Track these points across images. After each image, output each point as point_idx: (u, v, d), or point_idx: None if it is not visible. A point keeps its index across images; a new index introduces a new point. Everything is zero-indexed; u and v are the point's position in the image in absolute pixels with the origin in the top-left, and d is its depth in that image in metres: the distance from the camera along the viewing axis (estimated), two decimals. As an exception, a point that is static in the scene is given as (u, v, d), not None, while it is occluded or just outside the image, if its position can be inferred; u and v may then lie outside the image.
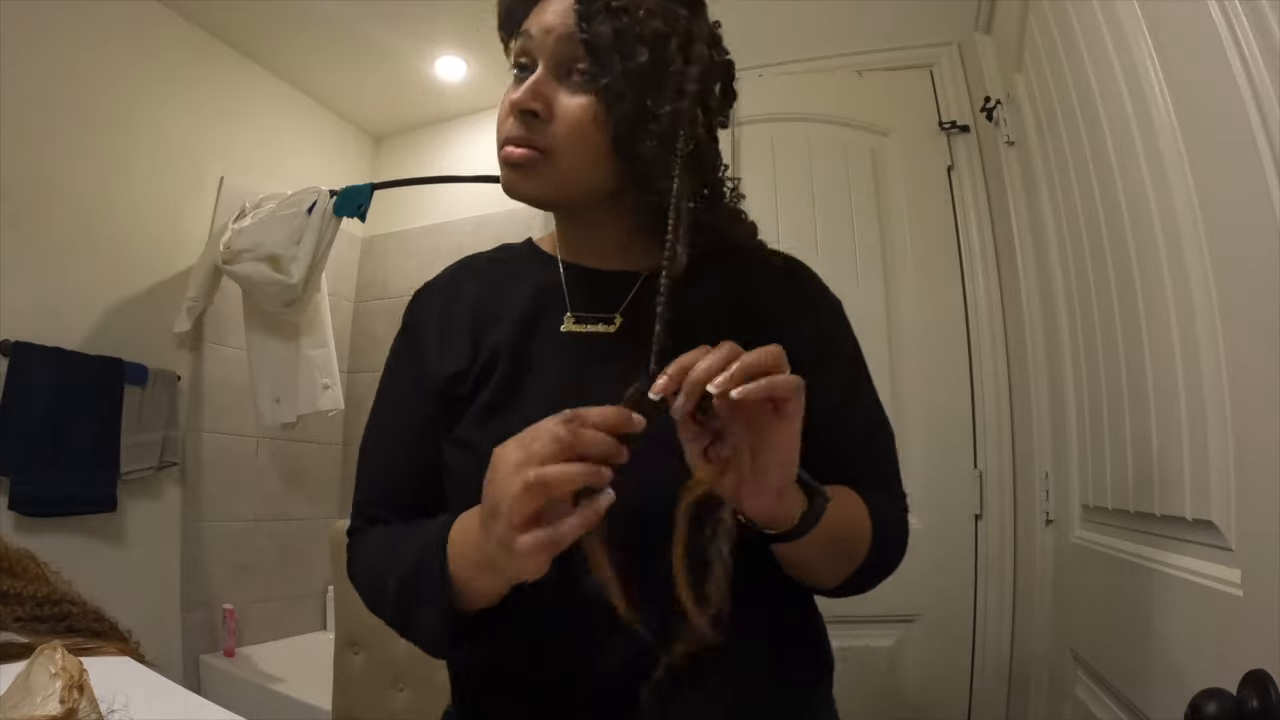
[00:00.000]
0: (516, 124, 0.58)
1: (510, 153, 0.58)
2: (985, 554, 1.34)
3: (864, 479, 0.61)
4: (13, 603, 0.73)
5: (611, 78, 0.54)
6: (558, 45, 0.56)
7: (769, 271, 0.66)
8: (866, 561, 0.57)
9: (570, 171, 0.58)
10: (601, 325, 0.61)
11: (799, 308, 0.64)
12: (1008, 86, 1.37)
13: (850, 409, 0.63)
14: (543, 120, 0.57)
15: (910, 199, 1.52)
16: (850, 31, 1.65)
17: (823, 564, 0.57)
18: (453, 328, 0.65)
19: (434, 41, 2.44)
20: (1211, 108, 0.61)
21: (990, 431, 1.38)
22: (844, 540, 0.56)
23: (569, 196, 0.60)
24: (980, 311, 1.43)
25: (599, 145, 0.56)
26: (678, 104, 0.55)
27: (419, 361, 0.65)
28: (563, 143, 0.57)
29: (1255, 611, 0.53)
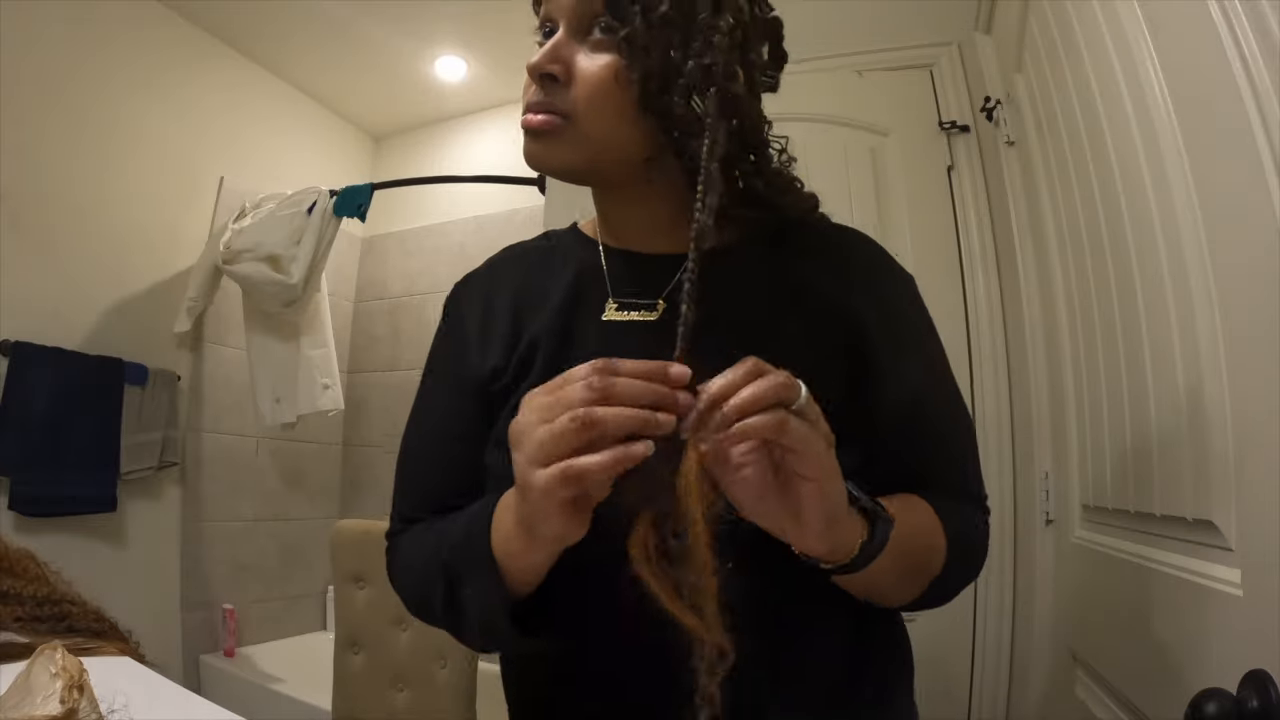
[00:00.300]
0: (535, 89, 0.54)
1: (530, 120, 0.54)
2: (985, 554, 1.34)
3: (937, 482, 0.56)
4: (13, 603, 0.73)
5: (631, 29, 0.50)
6: (576, 3, 0.52)
7: (827, 249, 0.60)
8: (943, 575, 0.53)
9: (595, 137, 0.53)
10: (644, 312, 0.56)
11: (860, 289, 0.57)
12: (1008, 86, 1.37)
13: (922, 403, 0.57)
14: (562, 84, 0.53)
15: (910, 199, 1.52)
16: (850, 31, 1.65)
17: (891, 587, 0.52)
18: (493, 320, 0.62)
19: (434, 41, 2.45)
20: (1211, 108, 0.61)
21: (990, 431, 1.38)
22: (913, 561, 0.51)
23: (597, 166, 0.55)
24: (980, 311, 1.43)
25: (625, 106, 0.51)
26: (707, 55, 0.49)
27: (459, 358, 0.63)
28: (584, 106, 0.52)
29: (1255, 611, 0.53)
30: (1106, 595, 0.90)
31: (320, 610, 2.64)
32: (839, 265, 0.59)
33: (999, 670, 1.30)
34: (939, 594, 0.55)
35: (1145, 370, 0.77)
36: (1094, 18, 0.86)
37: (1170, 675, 0.67)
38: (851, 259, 0.61)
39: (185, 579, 2.19)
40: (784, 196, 0.59)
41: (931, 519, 0.53)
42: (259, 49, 2.49)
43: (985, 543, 0.60)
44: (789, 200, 0.59)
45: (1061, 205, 1.09)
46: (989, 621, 1.32)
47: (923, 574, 0.52)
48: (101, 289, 2.04)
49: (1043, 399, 1.26)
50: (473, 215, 2.76)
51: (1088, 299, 0.98)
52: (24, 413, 1.79)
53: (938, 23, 1.58)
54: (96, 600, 0.81)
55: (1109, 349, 0.90)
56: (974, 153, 1.49)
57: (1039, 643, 1.21)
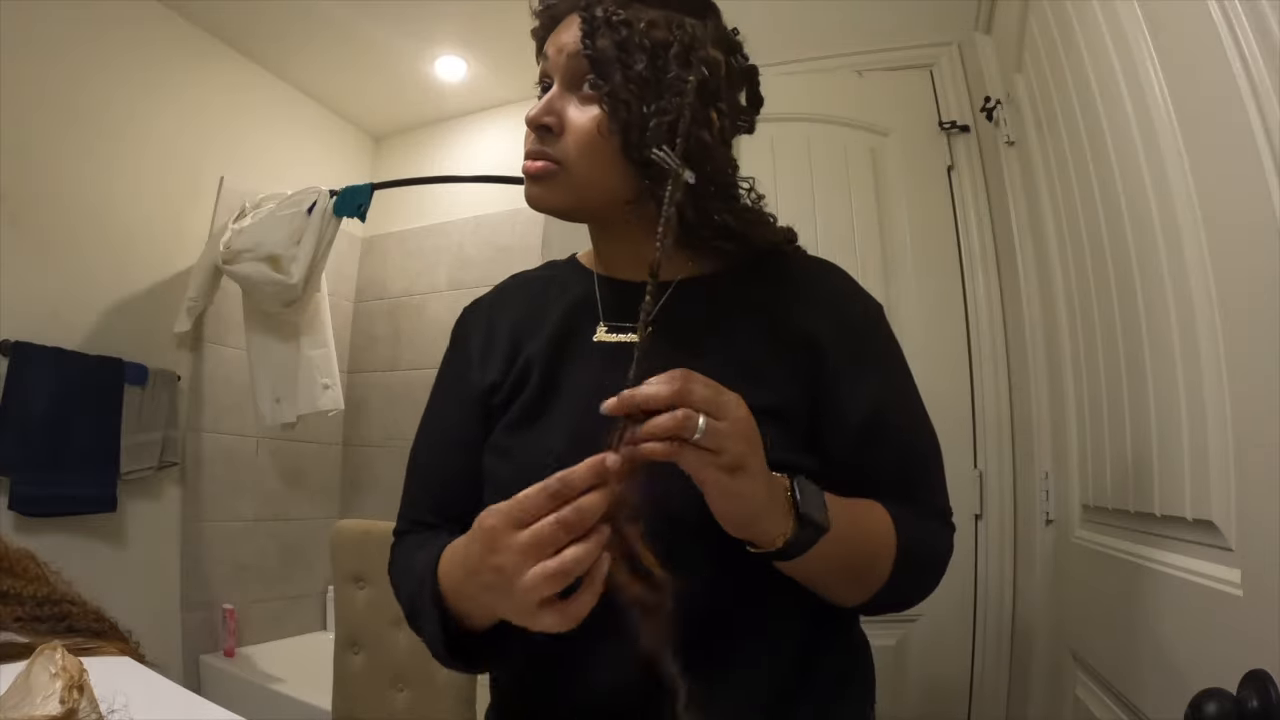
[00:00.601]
0: (534, 139, 0.61)
1: (529, 166, 0.61)
2: (985, 554, 1.34)
3: (898, 495, 0.59)
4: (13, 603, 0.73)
5: (612, 86, 0.56)
6: (569, 62, 0.60)
7: (797, 277, 0.66)
8: (891, 583, 0.56)
9: (584, 180, 0.60)
10: (632, 334, 0.61)
11: (823, 312, 0.63)
12: (1008, 86, 1.37)
13: (881, 418, 0.61)
14: (556, 134, 0.60)
15: (910, 199, 1.52)
16: (850, 31, 1.65)
17: (833, 585, 0.56)
18: (495, 341, 0.68)
19: (434, 41, 2.45)
20: (1211, 108, 0.61)
21: (990, 431, 1.38)
22: (855, 562, 0.55)
23: (588, 205, 0.62)
24: (980, 311, 1.43)
25: (609, 154, 0.58)
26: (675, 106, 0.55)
27: (463, 375, 0.68)
28: (574, 153, 0.59)
29: (1255, 611, 0.53)
30: (1106, 595, 0.90)
31: (320, 610, 2.64)
32: (806, 291, 0.65)
33: (999, 670, 1.30)
34: (892, 600, 0.59)
35: (1145, 370, 0.77)
36: (1094, 18, 0.86)
37: (1170, 675, 0.67)
38: (819, 286, 0.66)
39: (185, 579, 2.19)
40: (754, 229, 0.64)
41: (884, 526, 0.57)
42: (259, 49, 2.49)
43: (946, 554, 0.63)
44: (759, 233, 0.64)
45: (1061, 205, 1.09)
46: (989, 621, 1.32)
47: (867, 576, 0.56)
48: (101, 289, 2.04)
49: (1043, 399, 1.26)
50: (473, 215, 2.76)
51: (1088, 299, 0.98)
52: (24, 413, 1.79)
53: (938, 23, 1.58)
54: (96, 600, 0.81)
55: (1109, 349, 0.90)
56: (974, 153, 1.49)
57: (1039, 643, 1.21)
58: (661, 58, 0.57)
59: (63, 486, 1.85)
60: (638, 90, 0.56)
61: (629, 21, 0.57)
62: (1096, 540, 0.96)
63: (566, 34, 0.60)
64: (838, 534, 0.50)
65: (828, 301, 0.64)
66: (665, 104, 0.56)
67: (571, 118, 0.59)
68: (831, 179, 1.55)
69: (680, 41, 0.57)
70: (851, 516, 0.54)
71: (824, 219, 1.53)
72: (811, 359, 0.60)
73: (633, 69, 0.56)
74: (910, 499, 0.60)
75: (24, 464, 1.79)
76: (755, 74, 0.66)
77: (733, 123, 0.64)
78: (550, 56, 0.62)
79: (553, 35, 0.63)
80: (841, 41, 1.65)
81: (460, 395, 0.68)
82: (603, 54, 0.57)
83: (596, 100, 0.58)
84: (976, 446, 1.38)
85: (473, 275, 2.71)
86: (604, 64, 0.57)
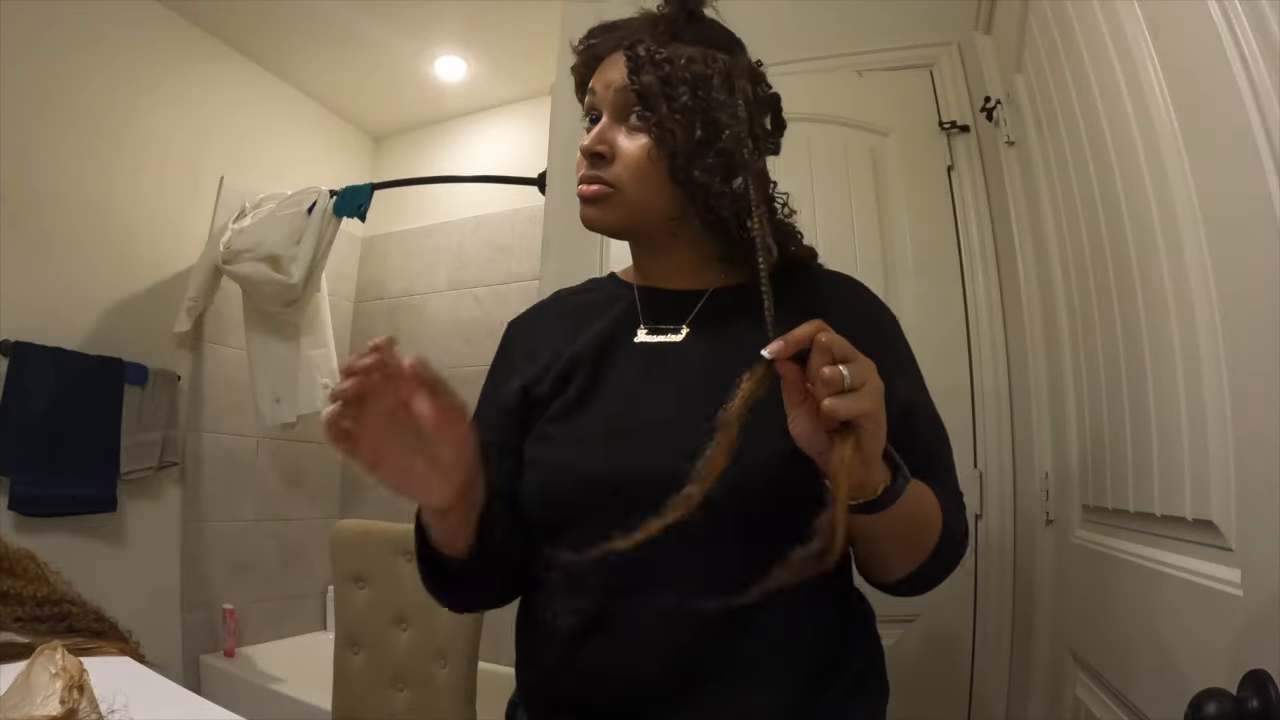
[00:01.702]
0: (588, 165, 0.68)
1: (585, 190, 0.68)
2: (985, 554, 1.34)
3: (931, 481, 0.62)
4: (13, 603, 0.73)
5: (659, 116, 0.63)
6: (616, 96, 0.67)
7: (828, 288, 0.72)
8: (936, 552, 0.60)
9: (635, 201, 0.66)
10: (671, 336, 0.68)
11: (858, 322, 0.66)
12: (1008, 86, 1.37)
13: (911, 414, 0.64)
14: (608, 160, 0.66)
15: (910, 199, 1.52)
16: (850, 31, 1.65)
17: (897, 546, 0.60)
18: (537, 349, 0.73)
19: (434, 41, 2.45)
20: (1211, 108, 0.61)
21: (990, 431, 1.37)
22: (918, 525, 0.59)
23: (639, 224, 0.69)
24: (980, 311, 1.43)
25: (657, 177, 0.65)
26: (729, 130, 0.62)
27: (504, 378, 0.74)
28: (626, 177, 0.66)
29: (1255, 611, 0.53)
30: (1106, 595, 0.90)
31: (320, 610, 2.64)
32: (833, 300, 0.70)
33: (999, 670, 1.30)
34: (927, 575, 0.63)
35: (1145, 370, 0.77)
36: (1094, 18, 0.86)
37: (1170, 675, 0.67)
38: (845, 296, 0.73)
39: (185, 579, 2.20)
40: (788, 243, 0.71)
41: (932, 496, 0.60)
42: (259, 49, 2.49)
43: (966, 536, 0.66)
44: (792, 248, 0.72)
45: (1061, 205, 1.09)
46: (989, 621, 1.32)
47: (921, 545, 0.60)
48: (101, 289, 2.04)
49: (1043, 399, 1.26)
50: (473, 215, 2.76)
51: (1088, 299, 0.98)
52: (24, 413, 1.80)
53: (938, 23, 1.58)
54: (96, 600, 0.81)
55: (1109, 349, 0.90)
56: (974, 153, 1.49)
57: (1039, 643, 1.21)
58: (702, 89, 0.63)
59: (63, 486, 1.85)
60: (683, 119, 0.63)
61: (670, 59, 0.64)
62: (1096, 540, 0.96)
63: (613, 71, 0.67)
64: (911, 491, 0.53)
65: (854, 309, 0.70)
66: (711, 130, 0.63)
67: (622, 145, 0.66)
68: (831, 179, 1.55)
69: (718, 74, 0.64)
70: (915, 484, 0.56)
71: (824, 219, 1.53)
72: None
73: (676, 100, 0.63)
74: (939, 483, 0.63)
75: (24, 464, 1.79)
76: (778, 101, 0.72)
77: (763, 146, 0.71)
78: (598, 91, 0.69)
79: (597, 73, 0.70)
80: (841, 41, 1.64)
81: (498, 403, 0.73)
82: (648, 88, 0.64)
83: (644, 129, 0.65)
84: (976, 446, 1.38)
85: (473, 275, 2.71)
86: (650, 97, 0.64)
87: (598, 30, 0.72)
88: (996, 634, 1.31)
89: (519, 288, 2.57)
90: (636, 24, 0.70)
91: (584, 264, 1.49)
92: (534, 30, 2.17)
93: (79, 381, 1.91)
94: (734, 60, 0.67)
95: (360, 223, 2.15)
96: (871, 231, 1.51)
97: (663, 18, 0.68)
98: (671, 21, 0.68)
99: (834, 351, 0.47)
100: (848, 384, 0.46)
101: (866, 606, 0.71)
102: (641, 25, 0.69)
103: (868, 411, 0.46)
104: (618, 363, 0.67)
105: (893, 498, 0.51)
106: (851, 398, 0.46)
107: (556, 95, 1.66)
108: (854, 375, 0.46)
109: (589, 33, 0.72)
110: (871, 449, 0.48)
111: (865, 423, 0.46)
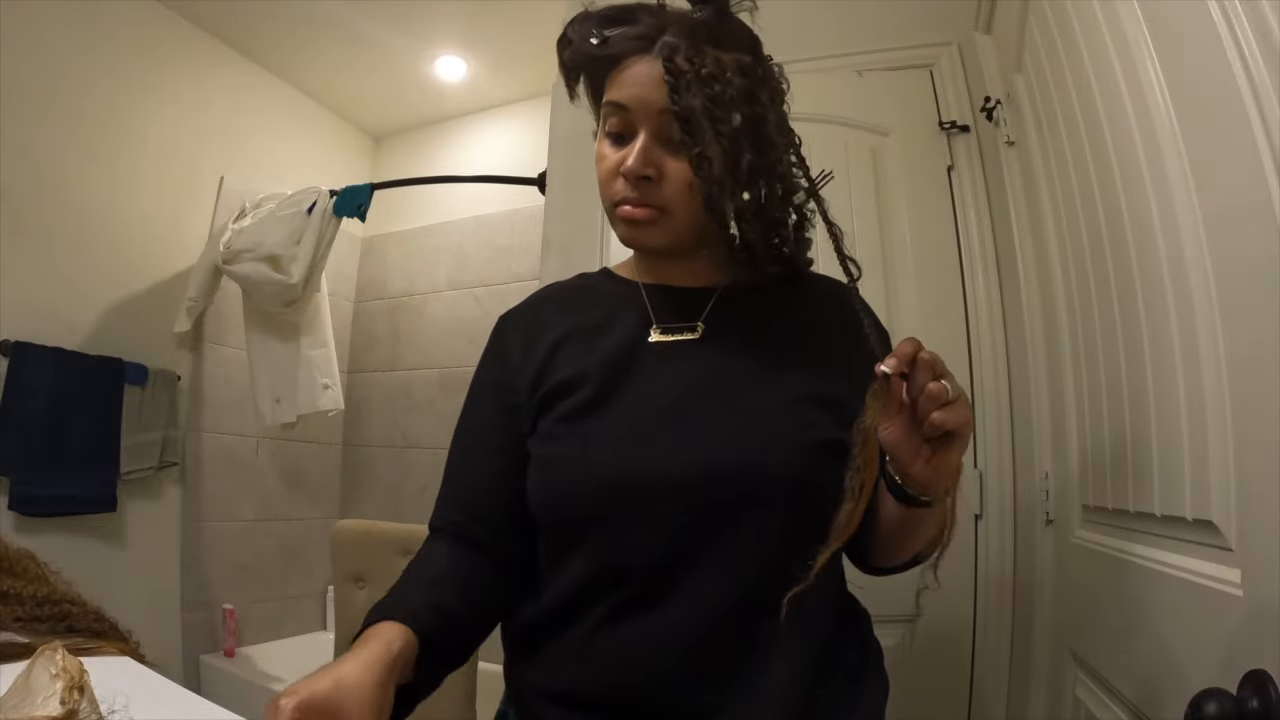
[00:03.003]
0: (630, 186, 0.64)
1: (632, 213, 0.65)
2: (985, 554, 1.34)
3: None
4: (13, 603, 0.73)
5: (702, 146, 0.60)
6: (659, 117, 0.62)
7: (824, 294, 0.73)
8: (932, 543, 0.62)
9: (684, 223, 0.65)
10: (687, 334, 0.68)
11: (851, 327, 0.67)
12: (1008, 86, 1.37)
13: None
14: (654, 182, 0.64)
15: (910, 199, 1.52)
16: (850, 31, 1.65)
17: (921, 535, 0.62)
18: (536, 346, 0.70)
19: (434, 41, 2.45)
20: (1211, 108, 0.61)
21: (990, 431, 1.38)
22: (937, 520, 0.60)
23: (682, 243, 0.67)
24: (980, 311, 1.43)
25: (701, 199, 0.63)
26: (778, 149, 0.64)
27: (498, 381, 0.71)
28: (676, 200, 0.64)
29: (1255, 611, 0.53)
30: (1106, 595, 0.90)
31: (320, 610, 2.64)
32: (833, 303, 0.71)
33: (999, 670, 1.30)
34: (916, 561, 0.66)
35: (1145, 370, 0.77)
36: (1094, 18, 0.86)
37: (1170, 675, 0.67)
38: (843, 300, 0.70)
39: (185, 579, 2.19)
40: (803, 252, 0.72)
41: None
42: (259, 49, 2.49)
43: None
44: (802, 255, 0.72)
45: (1061, 205, 1.09)
46: (989, 621, 1.32)
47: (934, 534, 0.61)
48: (101, 289, 2.04)
49: (1043, 399, 1.26)
50: (473, 215, 2.76)
51: (1088, 299, 0.98)
52: (24, 413, 1.80)
53: (938, 23, 1.58)
54: (96, 600, 0.81)
55: (1109, 349, 0.90)
56: (974, 153, 1.49)
57: (1039, 643, 1.21)
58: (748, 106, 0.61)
59: (63, 486, 1.85)
60: (729, 143, 0.60)
61: (715, 75, 0.59)
62: (1096, 540, 0.96)
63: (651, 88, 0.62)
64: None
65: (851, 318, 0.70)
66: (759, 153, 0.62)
67: (670, 168, 0.63)
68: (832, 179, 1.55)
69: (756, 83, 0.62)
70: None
71: (824, 219, 1.53)
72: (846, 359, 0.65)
73: (723, 125, 0.59)
74: None
75: (24, 464, 1.79)
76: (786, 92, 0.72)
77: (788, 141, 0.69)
78: (632, 109, 0.63)
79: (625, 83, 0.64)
80: (841, 41, 1.64)
81: (495, 402, 0.71)
82: (691, 112, 0.59)
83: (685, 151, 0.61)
84: (976, 446, 1.38)
85: (473, 275, 2.71)
86: (694, 123, 0.59)
87: (612, 14, 0.64)
88: (996, 634, 1.31)
89: (519, 288, 2.58)
90: (663, 20, 0.63)
91: (584, 263, 1.48)
92: (534, 30, 2.17)
93: (79, 381, 1.91)
94: (765, 64, 0.66)
95: (360, 223, 2.15)
96: (871, 231, 1.51)
97: (698, 21, 0.62)
98: (706, 26, 0.62)
99: (936, 367, 0.49)
100: (950, 396, 0.49)
101: (861, 608, 0.72)
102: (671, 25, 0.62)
103: (969, 420, 0.50)
104: (634, 363, 0.66)
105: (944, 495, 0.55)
106: (954, 409, 0.49)
107: (556, 95, 1.65)
108: (953, 388, 0.50)
109: (600, 16, 0.64)
110: (960, 454, 0.52)
111: (966, 430, 0.50)
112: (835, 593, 0.68)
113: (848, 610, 0.70)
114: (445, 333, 2.71)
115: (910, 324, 1.44)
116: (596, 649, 0.61)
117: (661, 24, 0.63)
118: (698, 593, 0.58)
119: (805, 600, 0.57)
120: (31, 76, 1.87)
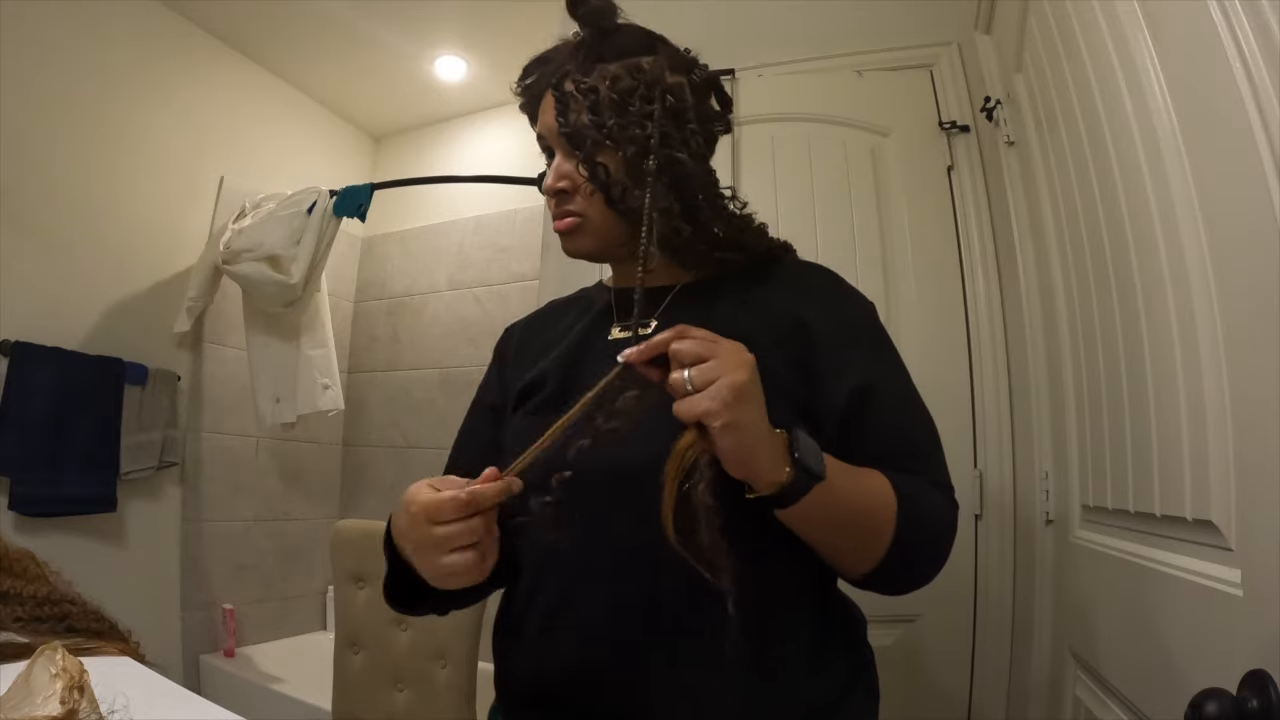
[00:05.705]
0: (555, 202, 0.72)
1: (558, 225, 0.72)
2: (985, 554, 1.34)
3: (898, 466, 0.61)
4: (13, 603, 0.73)
5: (585, 153, 0.67)
6: (558, 138, 0.70)
7: (790, 276, 0.74)
8: (894, 549, 0.58)
9: (601, 227, 0.71)
10: (641, 329, 0.70)
11: (813, 302, 0.70)
12: (1008, 86, 1.37)
13: (872, 392, 0.65)
14: (570, 194, 0.70)
15: (910, 199, 1.52)
16: (850, 31, 1.65)
17: (837, 541, 0.59)
18: (525, 352, 0.78)
19: (434, 41, 2.45)
20: (1211, 108, 0.61)
21: (990, 431, 1.38)
22: (852, 520, 0.57)
23: (611, 245, 0.72)
24: (980, 311, 1.43)
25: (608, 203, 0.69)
26: (641, 145, 0.66)
27: (493, 386, 0.80)
28: (586, 208, 0.70)
29: (1255, 611, 0.53)
30: (1106, 595, 0.90)
31: (320, 610, 2.64)
32: (800, 288, 0.72)
33: (999, 670, 1.30)
34: (899, 570, 0.61)
35: (1145, 370, 0.77)
36: (1094, 18, 0.86)
37: (1170, 675, 0.67)
38: (811, 283, 0.74)
39: (185, 579, 2.19)
40: (743, 236, 0.73)
41: (883, 486, 0.59)
42: (259, 49, 2.49)
43: (947, 523, 0.64)
44: (751, 239, 0.74)
45: (1061, 205, 1.09)
46: (989, 621, 1.32)
47: (871, 537, 0.58)
48: (101, 289, 2.04)
49: (1043, 399, 1.26)
50: (473, 215, 2.76)
51: (1088, 299, 0.98)
52: (24, 413, 1.80)
53: (938, 23, 1.58)
54: (96, 600, 0.81)
55: (1109, 349, 0.90)
56: (974, 153, 1.49)
57: (1039, 643, 1.21)
58: (630, 105, 0.66)
59: (63, 486, 1.85)
60: (613, 146, 0.66)
61: (594, 87, 0.67)
62: (1096, 540, 0.96)
63: (553, 116, 0.69)
64: (835, 485, 0.54)
65: (820, 295, 0.71)
66: (634, 151, 0.66)
67: (580, 180, 0.69)
68: (831, 179, 1.55)
69: (644, 83, 0.67)
70: (849, 472, 0.57)
71: (824, 219, 1.53)
72: (805, 346, 0.66)
73: (602, 129, 0.66)
74: (907, 472, 0.62)
75: (24, 464, 1.79)
76: (717, 80, 0.75)
77: (708, 131, 0.73)
78: (545, 135, 0.72)
79: (540, 112, 0.73)
80: (841, 41, 1.65)
81: (489, 404, 0.78)
82: (575, 128, 0.67)
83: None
84: (976, 446, 1.38)
85: (473, 275, 2.71)
86: (576, 137, 0.67)
87: (532, 65, 0.75)
88: (996, 634, 1.31)
89: (519, 288, 2.57)
90: (563, 53, 0.72)
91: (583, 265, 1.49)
92: (534, 30, 2.15)
93: (79, 381, 1.91)
94: (657, 60, 0.70)
95: (360, 223, 2.15)
96: (871, 231, 1.51)
97: (581, 44, 0.70)
98: (589, 46, 0.70)
99: (681, 357, 0.50)
100: (690, 388, 0.49)
101: (855, 612, 0.70)
102: (567, 55, 0.71)
103: (707, 410, 0.48)
104: (589, 360, 0.70)
105: (795, 495, 0.52)
106: (690, 400, 0.49)
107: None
108: (700, 376, 0.49)
109: (524, 69, 0.75)
110: (729, 445, 0.49)
111: (709, 421, 0.48)
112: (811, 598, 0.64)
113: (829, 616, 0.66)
114: (445, 333, 2.71)
115: (910, 324, 1.44)
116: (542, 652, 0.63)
117: (564, 57, 0.71)
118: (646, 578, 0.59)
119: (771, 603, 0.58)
120: (32, 76, 1.87)
